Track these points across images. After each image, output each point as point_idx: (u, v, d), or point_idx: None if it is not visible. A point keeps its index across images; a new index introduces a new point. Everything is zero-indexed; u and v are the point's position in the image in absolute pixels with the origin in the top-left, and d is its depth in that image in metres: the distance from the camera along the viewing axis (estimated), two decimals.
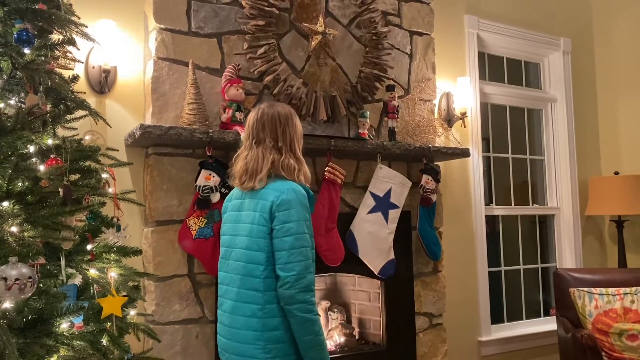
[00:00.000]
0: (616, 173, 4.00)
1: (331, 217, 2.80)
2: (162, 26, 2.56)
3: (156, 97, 2.53)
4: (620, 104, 4.23)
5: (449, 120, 3.49)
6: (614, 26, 4.28)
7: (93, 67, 2.52)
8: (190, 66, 2.57)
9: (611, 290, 3.06)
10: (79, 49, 1.67)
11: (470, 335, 3.56)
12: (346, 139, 2.86)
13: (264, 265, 1.73)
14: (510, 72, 4.08)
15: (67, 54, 1.67)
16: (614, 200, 3.84)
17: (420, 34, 3.34)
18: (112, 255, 1.57)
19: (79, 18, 1.68)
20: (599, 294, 3.06)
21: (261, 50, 2.70)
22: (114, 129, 2.54)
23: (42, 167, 1.39)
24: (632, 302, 2.98)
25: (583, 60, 4.32)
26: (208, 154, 2.48)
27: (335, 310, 3.11)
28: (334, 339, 3.00)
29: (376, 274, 2.92)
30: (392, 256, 2.96)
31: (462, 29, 3.72)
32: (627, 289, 3.04)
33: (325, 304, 3.14)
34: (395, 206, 2.98)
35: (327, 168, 2.78)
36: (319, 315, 1.78)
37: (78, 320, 1.36)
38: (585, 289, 3.09)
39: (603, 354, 2.93)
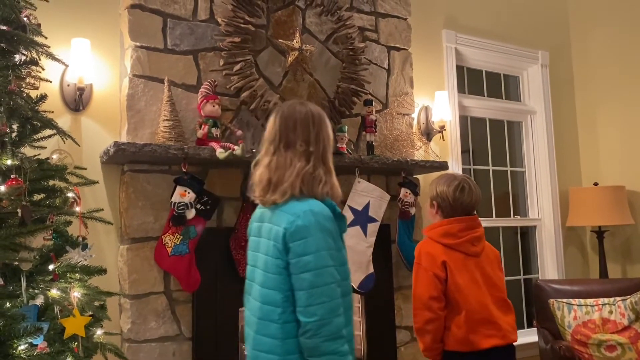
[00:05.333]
0: (595, 184, 4.04)
1: None
2: (138, 44, 2.57)
3: (132, 114, 2.54)
4: (599, 116, 4.28)
5: (428, 133, 3.52)
6: (591, 39, 4.35)
7: (68, 85, 2.52)
8: (165, 83, 2.58)
9: (590, 301, 3.07)
10: (43, 69, 1.68)
11: None
12: None
13: (282, 308, 1.44)
14: (489, 85, 4.13)
15: (32, 74, 1.67)
16: (594, 211, 3.86)
17: (398, 49, 3.37)
18: (77, 274, 1.56)
19: (46, 38, 1.69)
20: (577, 305, 3.07)
21: (237, 67, 2.72)
22: (91, 146, 2.56)
23: (2, 188, 1.40)
24: (611, 312, 3.00)
25: (561, 73, 4.37)
26: (183, 170, 2.49)
27: None
28: None
29: (355, 288, 2.91)
30: (371, 270, 2.96)
31: (440, 44, 3.76)
32: (606, 300, 3.06)
33: None
34: (374, 220, 2.99)
35: None
36: None
37: (39, 341, 1.35)
38: (564, 300, 3.10)
39: None
